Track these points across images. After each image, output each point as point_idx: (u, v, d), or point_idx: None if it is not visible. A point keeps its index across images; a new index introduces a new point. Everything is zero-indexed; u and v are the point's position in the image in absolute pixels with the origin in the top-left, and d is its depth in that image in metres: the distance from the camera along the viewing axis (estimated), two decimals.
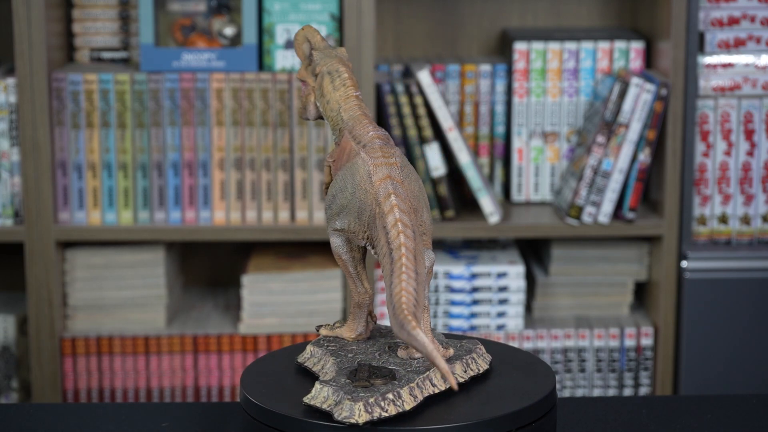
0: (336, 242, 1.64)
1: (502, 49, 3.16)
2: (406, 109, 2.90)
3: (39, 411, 1.78)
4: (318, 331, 1.69)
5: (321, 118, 1.71)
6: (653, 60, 3.01)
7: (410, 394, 1.52)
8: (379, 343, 1.65)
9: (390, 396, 1.50)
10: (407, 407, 1.50)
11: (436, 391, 1.55)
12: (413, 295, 1.51)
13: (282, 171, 2.89)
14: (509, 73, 3.03)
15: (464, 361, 1.61)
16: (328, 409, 1.49)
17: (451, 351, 1.61)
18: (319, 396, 1.51)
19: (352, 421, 1.47)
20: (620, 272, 3.04)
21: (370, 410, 1.48)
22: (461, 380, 1.58)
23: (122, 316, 2.98)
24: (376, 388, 1.51)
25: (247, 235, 2.90)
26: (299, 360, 1.64)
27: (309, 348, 1.64)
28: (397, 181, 1.58)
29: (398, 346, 1.63)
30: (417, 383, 1.53)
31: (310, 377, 1.61)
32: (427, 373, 1.56)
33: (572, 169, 2.97)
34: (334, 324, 1.69)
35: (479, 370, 1.62)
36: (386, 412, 1.48)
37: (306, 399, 1.52)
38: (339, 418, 1.47)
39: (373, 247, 1.60)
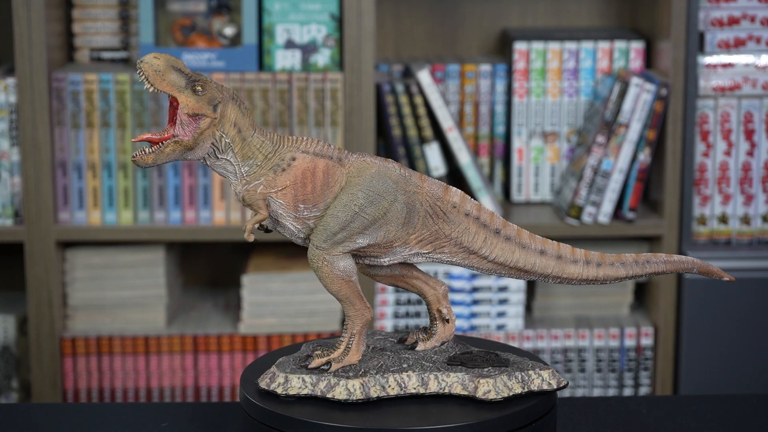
0: (347, 265, 1.55)
1: (502, 49, 3.16)
2: (406, 109, 2.90)
3: (39, 411, 1.78)
4: (328, 370, 1.57)
5: (203, 159, 1.54)
6: (653, 60, 3.01)
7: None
8: (368, 351, 1.64)
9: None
10: None
11: None
12: None
13: None
14: (509, 73, 3.03)
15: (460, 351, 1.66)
16: (521, 392, 1.58)
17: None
18: (501, 387, 1.58)
19: (563, 383, 1.61)
20: None
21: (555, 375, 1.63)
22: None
23: (122, 316, 2.98)
24: (510, 366, 1.61)
25: None
26: (350, 399, 1.55)
27: (357, 382, 1.56)
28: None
29: (416, 342, 1.65)
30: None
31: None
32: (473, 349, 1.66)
33: (572, 169, 2.97)
34: (327, 357, 1.58)
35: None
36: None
37: (484, 396, 1.56)
38: (556, 386, 1.60)
39: (428, 243, 1.57)
